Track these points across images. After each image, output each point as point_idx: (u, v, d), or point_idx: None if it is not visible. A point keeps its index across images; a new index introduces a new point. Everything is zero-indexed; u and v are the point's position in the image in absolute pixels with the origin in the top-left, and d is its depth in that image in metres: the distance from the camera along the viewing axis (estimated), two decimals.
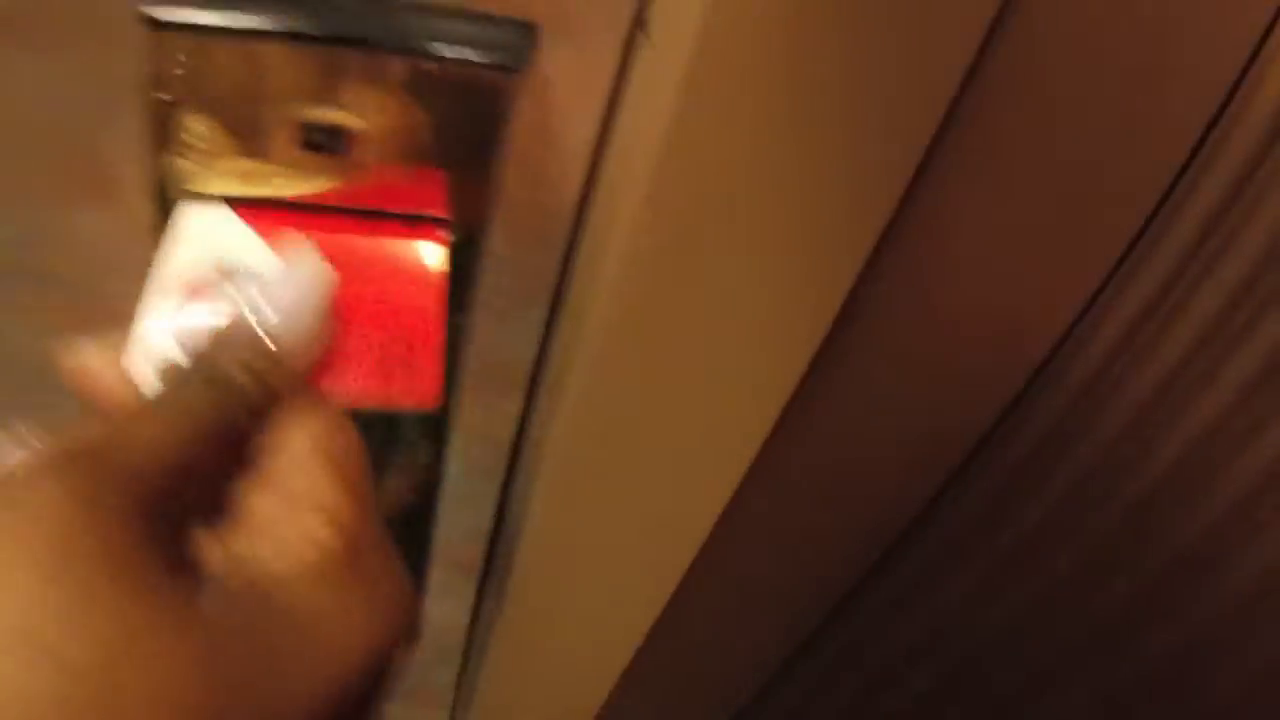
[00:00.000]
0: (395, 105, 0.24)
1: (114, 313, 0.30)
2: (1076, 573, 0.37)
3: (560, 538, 0.38)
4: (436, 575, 0.44)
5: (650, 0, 0.23)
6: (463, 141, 0.25)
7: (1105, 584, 0.37)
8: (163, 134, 0.25)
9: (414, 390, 0.22)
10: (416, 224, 0.26)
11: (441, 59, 0.23)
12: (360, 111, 0.24)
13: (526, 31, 0.23)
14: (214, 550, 0.17)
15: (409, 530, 0.40)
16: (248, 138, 0.24)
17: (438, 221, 0.26)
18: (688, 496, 0.36)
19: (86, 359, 0.20)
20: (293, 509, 0.18)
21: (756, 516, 0.36)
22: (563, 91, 0.25)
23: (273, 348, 0.19)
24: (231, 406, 0.18)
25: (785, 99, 0.22)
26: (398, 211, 0.26)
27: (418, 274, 0.25)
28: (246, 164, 0.25)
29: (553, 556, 0.39)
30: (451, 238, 0.26)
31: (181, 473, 0.17)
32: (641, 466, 0.34)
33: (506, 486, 0.41)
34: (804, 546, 0.41)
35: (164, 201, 0.26)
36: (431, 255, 0.26)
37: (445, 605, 0.47)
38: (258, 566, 0.17)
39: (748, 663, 0.47)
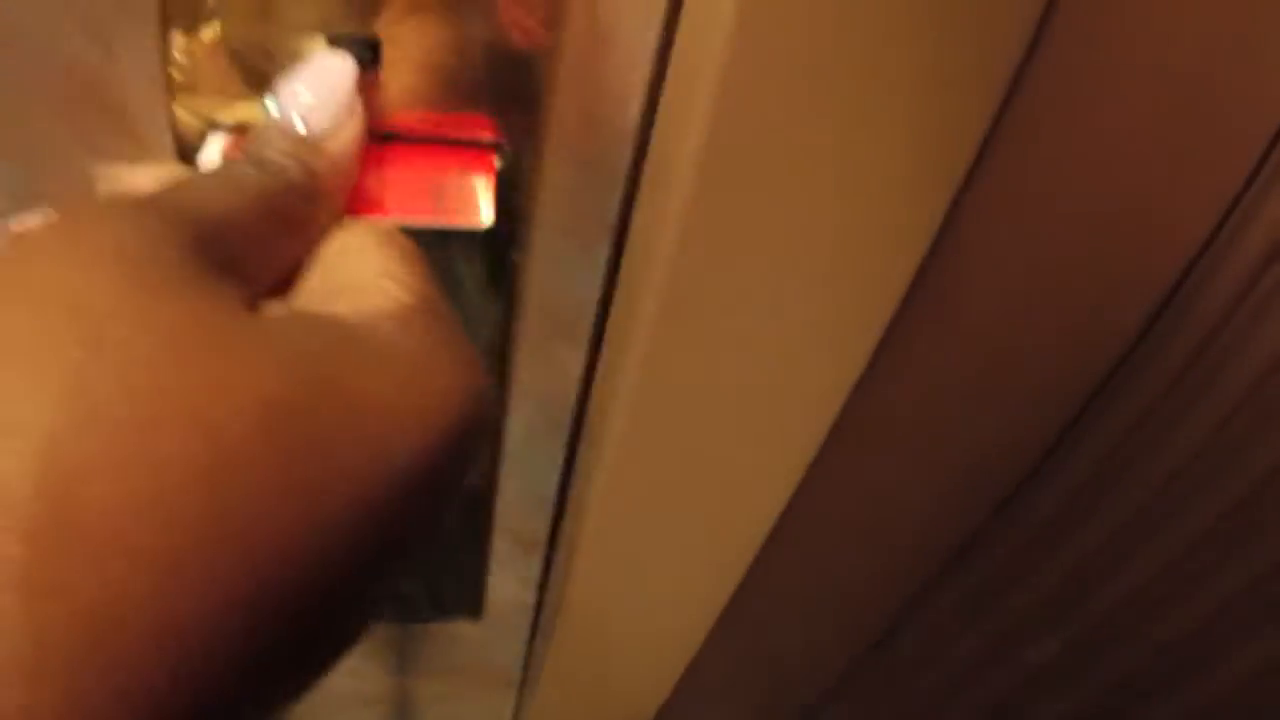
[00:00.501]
0: (428, 10, 0.21)
1: None
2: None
3: (626, 507, 0.35)
4: (499, 548, 0.42)
5: None
6: (509, 57, 0.23)
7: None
8: (179, 60, 0.22)
9: (465, 211, 0.23)
10: (462, 148, 0.24)
11: None
12: (388, 19, 0.21)
13: None
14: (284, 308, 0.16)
15: (468, 501, 0.38)
16: (271, 56, 0.22)
17: (486, 145, 0.24)
18: (765, 460, 0.33)
19: (129, 179, 0.18)
20: (362, 274, 0.17)
21: (838, 480, 0.34)
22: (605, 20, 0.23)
23: (307, 133, 0.19)
24: (278, 185, 0.17)
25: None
26: (439, 136, 0.24)
27: (470, 157, 0.24)
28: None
29: (618, 528, 0.36)
30: (500, 162, 0.24)
31: (238, 231, 0.16)
32: (713, 427, 0.31)
33: (571, 452, 0.39)
34: (883, 513, 0.38)
35: (184, 139, 0.24)
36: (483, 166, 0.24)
37: (509, 582, 0.45)
38: (335, 311, 0.16)
39: (823, 648, 0.45)
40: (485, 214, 0.23)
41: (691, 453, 0.32)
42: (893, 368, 0.29)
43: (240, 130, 0.23)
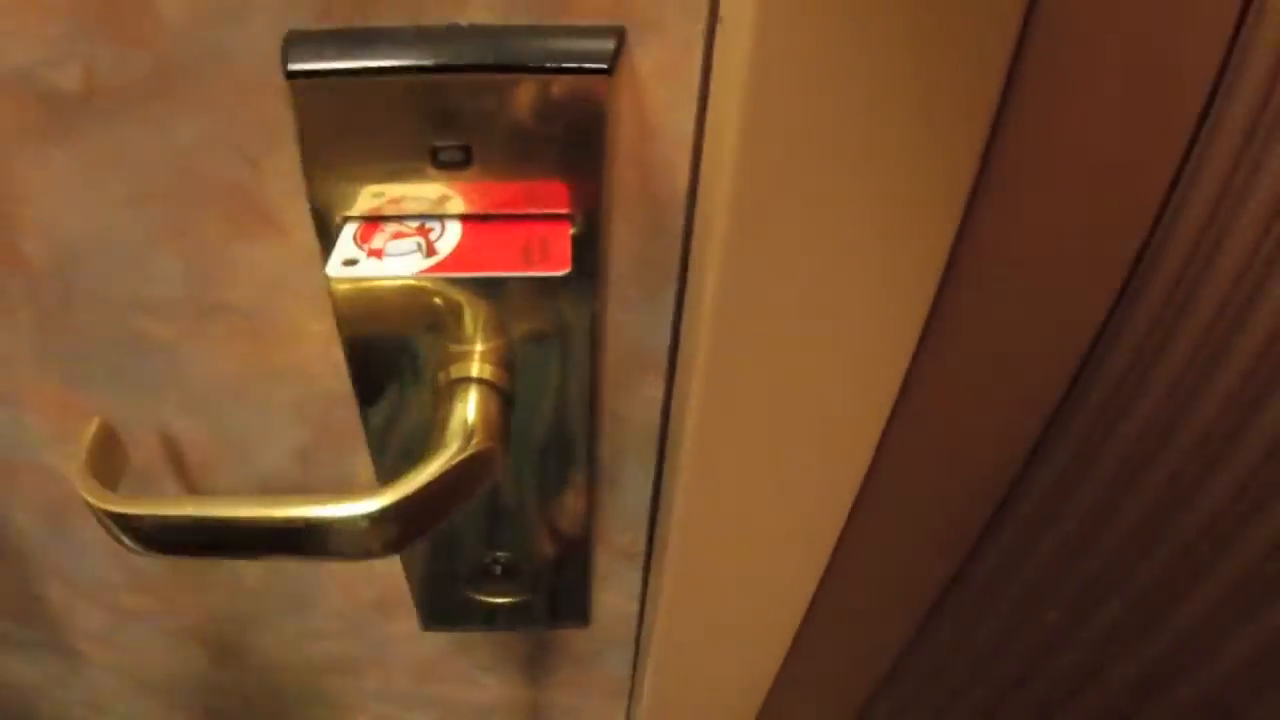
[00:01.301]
0: (507, 118, 0.28)
1: (289, 331, 0.36)
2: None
3: (706, 516, 0.41)
4: (601, 562, 0.48)
5: None
6: (572, 143, 0.29)
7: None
8: (314, 169, 0.29)
9: (548, 263, 0.29)
10: (543, 219, 0.30)
11: (542, 70, 0.26)
12: (478, 128, 0.28)
13: (613, 35, 0.26)
14: None
15: (570, 518, 0.43)
16: (386, 163, 0.29)
17: (559, 217, 0.30)
18: (826, 463, 0.38)
19: None
20: None
21: (899, 470, 0.38)
22: (656, 85, 0.28)
23: None
24: None
25: (855, 60, 0.24)
26: (522, 213, 0.30)
27: (549, 226, 0.30)
28: (387, 185, 0.29)
29: (701, 536, 0.42)
30: (573, 230, 0.30)
31: None
32: (775, 441, 0.36)
33: (659, 470, 0.44)
34: (941, 493, 0.42)
35: (322, 229, 0.31)
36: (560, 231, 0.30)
37: (613, 593, 0.51)
38: None
39: (900, 634, 0.49)
40: (563, 262, 0.29)
41: (757, 462, 0.37)
42: (931, 360, 0.34)
43: (369, 218, 0.30)
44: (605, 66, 0.27)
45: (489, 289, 0.29)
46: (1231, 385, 0.32)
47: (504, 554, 0.44)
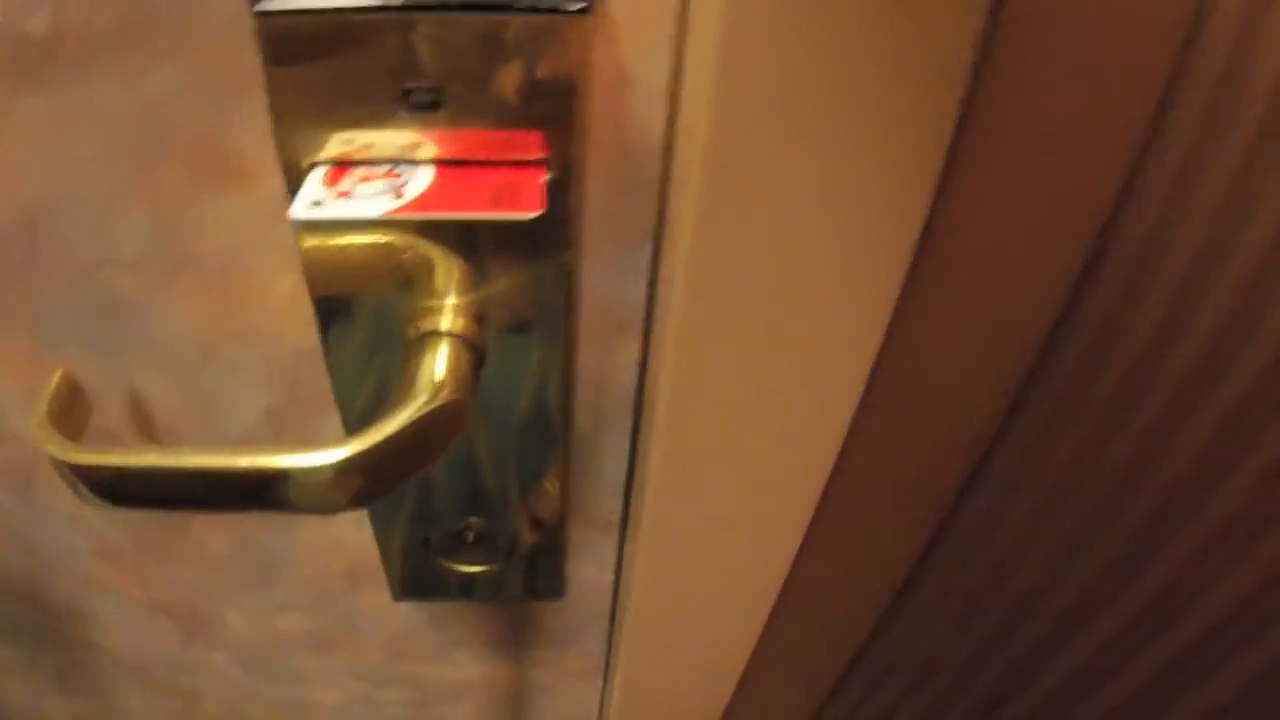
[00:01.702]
0: (479, 60, 0.27)
1: (258, 287, 0.36)
2: None
3: (681, 486, 0.40)
4: (576, 532, 0.48)
5: None
6: (546, 88, 0.28)
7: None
8: (282, 115, 0.29)
9: (519, 205, 0.29)
10: (516, 165, 0.30)
11: (514, 9, 0.26)
12: (450, 70, 0.27)
13: None
14: None
15: (544, 484, 0.43)
16: (356, 107, 0.29)
17: (532, 163, 0.30)
18: (802, 431, 0.38)
19: None
20: None
21: (874, 438, 0.38)
22: (632, 30, 0.28)
23: None
24: None
25: (832, 12, 0.24)
26: (495, 159, 0.30)
27: (522, 172, 0.30)
28: (358, 131, 0.29)
29: (677, 507, 0.41)
30: (547, 176, 0.30)
31: None
32: (750, 407, 0.36)
33: (635, 437, 0.44)
34: (919, 470, 0.42)
35: (291, 178, 0.31)
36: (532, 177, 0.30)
37: (587, 566, 0.51)
38: None
39: (872, 604, 0.49)
40: (534, 206, 0.29)
41: (732, 430, 0.37)
42: (904, 341, 0.34)
43: (338, 163, 0.30)
44: (583, 6, 0.26)
45: (459, 234, 0.29)
46: (1188, 368, 0.32)
47: (477, 520, 0.44)
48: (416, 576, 0.47)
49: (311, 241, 0.29)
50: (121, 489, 0.30)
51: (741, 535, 0.43)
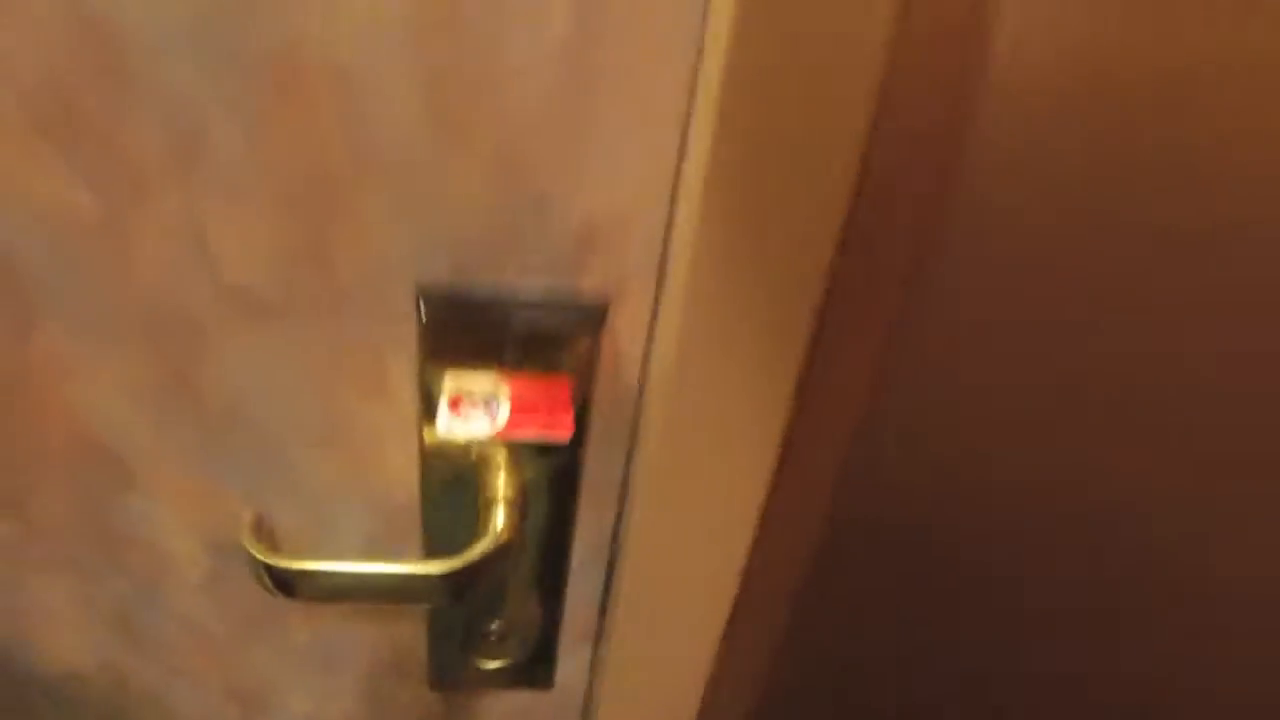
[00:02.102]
0: (539, 343, 0.50)
1: (381, 460, 0.57)
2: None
3: (642, 611, 0.61)
4: (564, 640, 0.68)
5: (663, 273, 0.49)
6: (577, 360, 0.51)
7: None
8: (425, 366, 0.51)
9: (560, 432, 0.49)
10: (556, 405, 0.52)
11: (565, 318, 0.49)
12: (526, 346, 0.50)
13: (603, 300, 0.49)
14: None
15: (547, 600, 0.63)
16: (469, 364, 0.50)
17: (567, 404, 0.52)
18: (714, 563, 0.58)
19: None
20: None
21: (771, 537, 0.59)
22: (623, 327, 0.51)
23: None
24: None
25: (739, 340, 0.46)
26: (544, 399, 0.51)
27: (562, 409, 0.51)
28: (469, 377, 0.51)
29: (640, 626, 0.62)
30: (575, 411, 0.51)
31: None
32: (687, 551, 0.57)
33: (610, 572, 0.65)
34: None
35: (424, 400, 0.52)
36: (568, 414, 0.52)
37: (570, 664, 0.70)
38: None
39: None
40: (568, 432, 0.50)
41: (677, 570, 0.58)
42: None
43: (454, 396, 0.51)
44: (599, 318, 0.49)
45: (522, 445, 0.50)
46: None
47: (499, 624, 0.63)
48: (449, 669, 0.67)
49: (432, 441, 0.51)
50: (301, 585, 0.50)
51: (675, 643, 0.63)
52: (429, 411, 0.52)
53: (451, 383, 0.51)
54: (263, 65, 0.46)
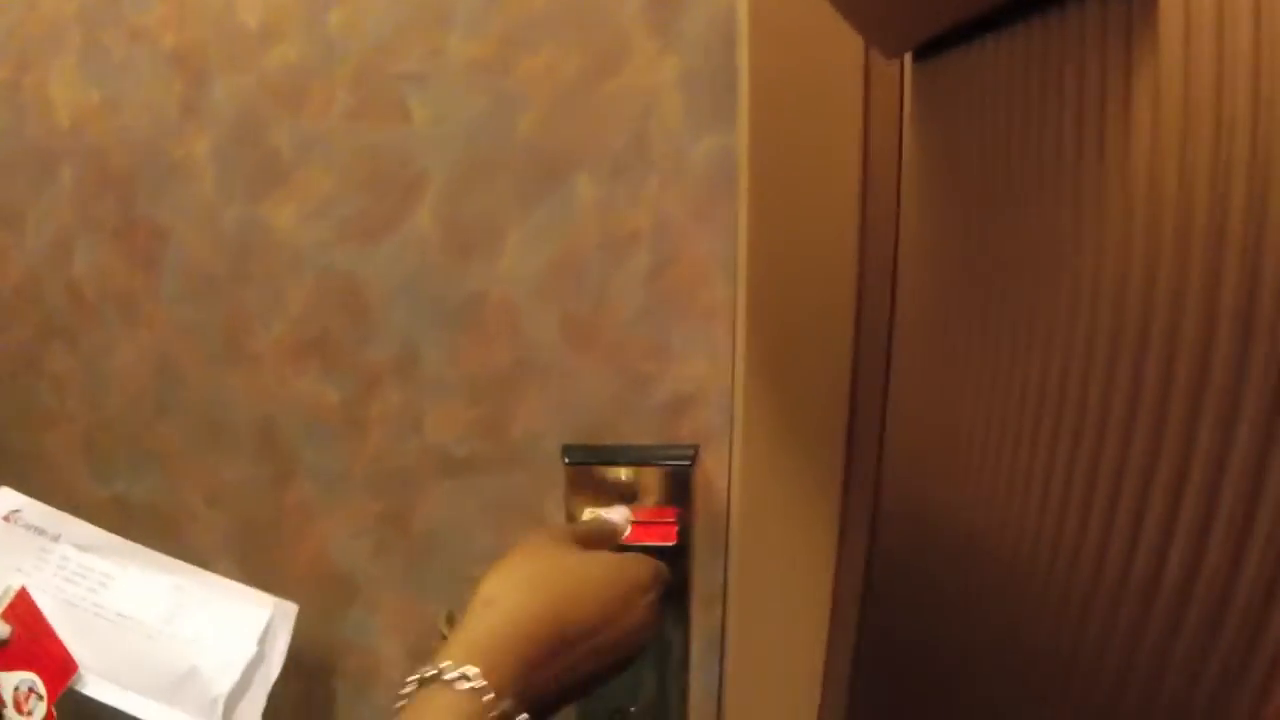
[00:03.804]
0: (655, 481, 0.72)
1: None
2: None
3: (751, 699, 0.80)
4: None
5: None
6: (679, 491, 0.72)
7: None
8: (570, 503, 0.74)
9: (668, 538, 0.70)
10: (663, 524, 0.73)
11: (667, 465, 0.71)
12: (642, 487, 0.72)
13: (694, 448, 0.71)
14: None
15: (674, 688, 0.83)
16: (600, 499, 0.73)
17: (673, 522, 0.73)
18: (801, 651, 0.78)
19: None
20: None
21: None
22: (711, 466, 0.72)
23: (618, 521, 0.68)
24: (607, 530, 0.67)
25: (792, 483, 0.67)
26: (656, 520, 0.73)
27: (669, 526, 0.72)
28: (602, 509, 0.73)
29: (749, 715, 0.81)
30: (679, 528, 0.73)
31: (592, 539, 0.63)
32: (777, 641, 0.77)
33: (721, 665, 0.84)
34: None
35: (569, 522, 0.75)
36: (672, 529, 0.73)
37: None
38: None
39: None
40: (671, 539, 0.71)
41: (773, 658, 0.77)
42: None
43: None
44: (690, 462, 0.71)
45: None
46: None
47: (635, 709, 0.84)
48: None
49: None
50: None
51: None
52: None
53: (589, 513, 0.73)
54: (458, 306, 0.72)
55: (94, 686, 0.72)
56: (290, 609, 0.78)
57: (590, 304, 0.71)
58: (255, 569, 0.84)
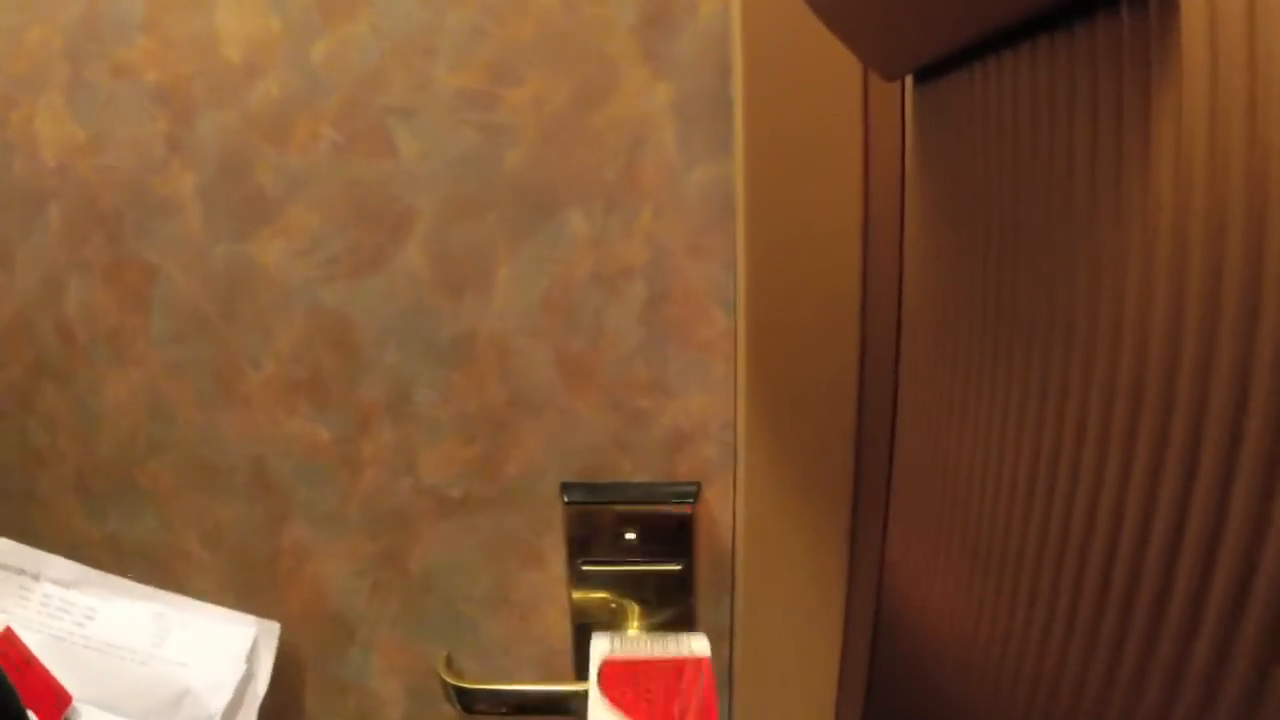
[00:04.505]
0: (656, 520, 0.71)
1: (536, 614, 0.79)
2: None
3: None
4: None
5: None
6: (681, 527, 0.71)
7: None
8: (569, 543, 0.73)
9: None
10: (666, 559, 0.72)
11: (668, 504, 0.70)
12: (640, 527, 0.71)
13: (695, 485, 0.70)
14: None
15: None
16: (597, 540, 0.72)
17: (676, 561, 0.72)
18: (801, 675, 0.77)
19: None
20: None
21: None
22: (713, 502, 0.71)
23: None
24: None
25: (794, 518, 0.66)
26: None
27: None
28: (598, 566, 0.72)
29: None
30: (681, 570, 0.72)
31: None
32: (781, 668, 0.76)
33: (730, 697, 0.83)
34: None
35: (569, 566, 0.74)
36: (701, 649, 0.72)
37: None
38: None
39: None
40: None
41: (774, 684, 0.76)
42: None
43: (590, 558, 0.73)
44: (692, 499, 0.70)
45: (647, 597, 0.71)
46: None
47: None
48: None
49: (578, 595, 0.72)
50: (484, 701, 0.71)
51: None
52: (574, 575, 0.73)
53: (586, 553, 0.73)
54: (450, 343, 0.71)
55: (90, 717, 0.72)
56: (273, 627, 0.79)
57: (585, 339, 0.71)
58: (252, 610, 0.84)
